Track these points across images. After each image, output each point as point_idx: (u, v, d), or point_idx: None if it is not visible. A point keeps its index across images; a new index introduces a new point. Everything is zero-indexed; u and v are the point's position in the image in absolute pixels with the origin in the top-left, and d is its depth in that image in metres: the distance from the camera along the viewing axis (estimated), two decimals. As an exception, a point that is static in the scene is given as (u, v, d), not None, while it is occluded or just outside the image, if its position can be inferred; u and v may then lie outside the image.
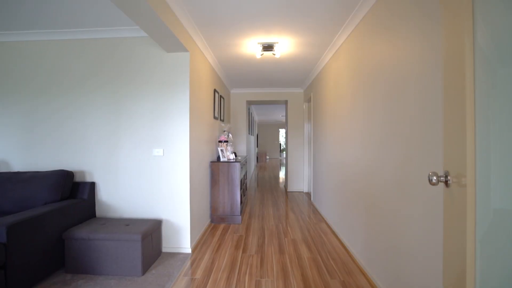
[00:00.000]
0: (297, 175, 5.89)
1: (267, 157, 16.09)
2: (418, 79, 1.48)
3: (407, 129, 1.59)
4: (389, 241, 1.83)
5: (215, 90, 3.94)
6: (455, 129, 0.87)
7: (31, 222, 1.95)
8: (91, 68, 2.71)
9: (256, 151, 12.37)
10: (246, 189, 4.79)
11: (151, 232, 2.37)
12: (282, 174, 9.07)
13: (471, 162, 0.73)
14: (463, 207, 0.79)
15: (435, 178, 0.92)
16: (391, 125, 1.80)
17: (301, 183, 5.89)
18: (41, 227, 2.04)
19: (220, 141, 3.93)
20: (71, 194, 2.59)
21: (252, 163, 9.16)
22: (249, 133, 7.38)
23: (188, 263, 2.43)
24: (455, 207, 0.86)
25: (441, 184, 0.95)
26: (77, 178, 2.71)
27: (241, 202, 3.80)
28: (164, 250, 2.66)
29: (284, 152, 16.60)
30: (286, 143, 6.02)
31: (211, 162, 3.64)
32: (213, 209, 3.62)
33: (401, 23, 1.67)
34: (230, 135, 4.19)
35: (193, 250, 2.70)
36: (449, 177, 0.90)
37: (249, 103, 6.28)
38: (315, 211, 4.24)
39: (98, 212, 2.71)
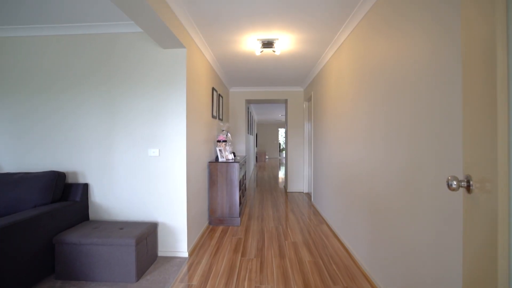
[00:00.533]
0: (297, 175, 5.80)
1: (267, 156, 16.00)
2: (423, 76, 1.39)
3: (413, 129, 1.50)
4: (395, 246, 1.74)
5: (213, 89, 3.84)
6: (479, 129, 0.77)
7: (19, 226, 1.85)
8: (86, 66, 2.60)
9: (255, 150, 12.28)
10: (245, 190, 4.70)
11: (146, 235, 2.27)
12: (281, 174, 8.98)
13: (503, 166, 0.63)
14: (491, 215, 0.70)
15: (455, 183, 0.83)
16: (396, 125, 1.71)
17: (301, 183, 5.80)
18: (30, 231, 1.94)
19: (219, 141, 3.83)
20: (63, 196, 2.49)
21: (251, 162, 9.06)
22: (248, 133, 7.29)
23: (185, 268, 2.34)
24: (479, 215, 0.77)
25: (461, 190, 0.85)
26: (70, 179, 2.60)
27: (240, 203, 3.71)
28: (160, 254, 2.56)
29: (284, 151, 16.54)
30: (286, 143, 5.93)
31: (209, 162, 3.54)
32: (211, 210, 3.52)
33: (406, 17, 1.58)
34: (229, 134, 4.09)
35: (190, 254, 2.60)
36: (471, 182, 0.81)
37: (248, 102, 6.19)
38: (315, 212, 4.15)
39: (91, 215, 2.61)
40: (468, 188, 0.82)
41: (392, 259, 1.77)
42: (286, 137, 5.97)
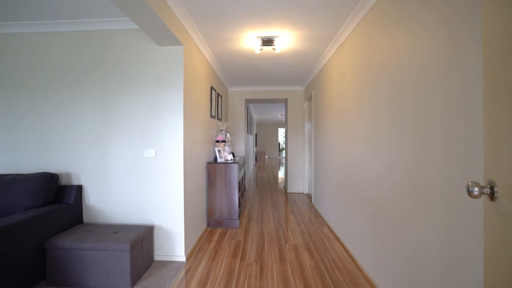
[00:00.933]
0: (297, 176, 5.72)
1: (266, 156, 15.92)
2: (429, 75, 1.31)
3: (419, 129, 1.42)
4: (401, 252, 1.66)
5: (212, 88, 3.76)
6: (506, 130, 0.69)
7: (8, 231, 1.76)
8: (82, 65, 2.52)
9: (254, 150, 12.19)
10: (244, 191, 4.61)
11: (141, 239, 2.19)
12: (281, 174, 8.90)
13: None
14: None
15: (477, 189, 0.75)
16: (401, 125, 1.63)
17: (301, 184, 5.72)
18: (20, 235, 1.86)
19: (218, 141, 3.75)
20: (56, 198, 2.41)
21: (251, 162, 8.98)
22: (247, 133, 7.20)
23: (182, 273, 2.25)
24: (505, 225, 0.69)
25: (483, 197, 0.77)
26: (63, 181, 2.52)
27: (239, 204, 3.62)
28: (156, 258, 2.47)
29: (283, 151, 16.45)
30: (286, 143, 5.84)
31: (207, 163, 3.46)
32: (210, 212, 3.44)
33: (410, 15, 1.50)
34: (228, 134, 4.01)
35: (187, 258, 2.52)
36: (495, 189, 0.73)
37: (248, 101, 6.10)
38: (316, 214, 4.07)
39: (85, 218, 2.52)
40: (492, 196, 0.74)
41: (398, 264, 1.69)
42: (286, 137, 5.89)
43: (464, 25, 1.14)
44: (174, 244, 2.47)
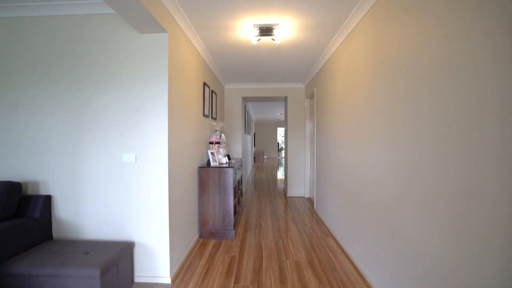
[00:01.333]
0: (298, 179, 5.38)
1: (265, 156, 15.58)
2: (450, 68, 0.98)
3: (447, 131, 1.09)
4: (426, 278, 1.32)
5: (205, 84, 3.41)
6: None
7: None
8: (49, 56, 2.16)
9: (253, 150, 11.86)
10: (241, 196, 4.27)
11: (117, 261, 1.84)
12: (280, 175, 8.57)
13: None
14: None
15: None
16: (424, 124, 1.29)
17: (301, 187, 5.39)
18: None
19: (211, 143, 3.40)
20: (19, 211, 2.06)
21: (249, 163, 8.64)
22: (245, 133, 6.85)
23: (165, 299, 1.92)
24: None
25: None
26: (29, 191, 2.17)
27: (235, 212, 3.29)
28: (137, 279, 2.14)
29: (282, 151, 16.09)
30: (286, 144, 5.51)
31: (199, 167, 3.11)
32: (202, 222, 3.10)
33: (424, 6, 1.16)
34: (223, 135, 3.67)
35: (173, 280, 2.18)
36: None
37: (245, 99, 5.76)
38: (319, 221, 3.74)
39: (55, 234, 2.17)
40: None
41: (428, 300, 1.36)
42: (285, 137, 5.56)
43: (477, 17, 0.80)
44: (158, 263, 2.13)
